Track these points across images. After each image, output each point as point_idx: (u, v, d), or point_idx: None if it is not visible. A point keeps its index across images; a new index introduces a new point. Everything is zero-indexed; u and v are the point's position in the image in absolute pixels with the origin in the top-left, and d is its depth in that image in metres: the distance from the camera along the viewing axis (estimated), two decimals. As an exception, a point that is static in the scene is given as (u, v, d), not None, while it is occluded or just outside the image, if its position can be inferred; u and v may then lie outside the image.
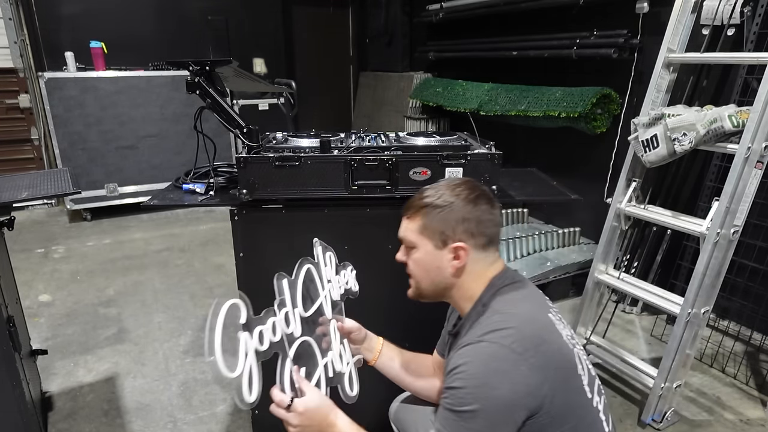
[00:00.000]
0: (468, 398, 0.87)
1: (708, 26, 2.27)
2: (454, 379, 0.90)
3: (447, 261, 1.05)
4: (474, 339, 0.93)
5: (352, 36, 6.15)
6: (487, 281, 1.06)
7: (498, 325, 0.93)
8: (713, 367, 2.38)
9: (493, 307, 1.00)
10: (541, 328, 0.96)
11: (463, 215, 1.03)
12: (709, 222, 1.83)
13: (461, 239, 1.03)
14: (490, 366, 0.88)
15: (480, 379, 0.88)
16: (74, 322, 2.81)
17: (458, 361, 0.91)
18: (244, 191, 1.48)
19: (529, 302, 1.02)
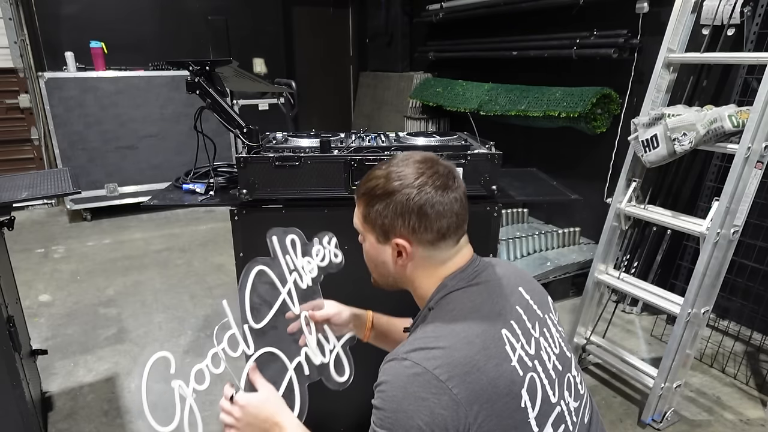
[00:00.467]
0: (386, 422, 0.78)
1: (708, 26, 2.27)
2: (377, 396, 0.81)
3: (390, 256, 0.93)
4: (399, 354, 0.82)
5: (352, 36, 6.15)
6: (438, 280, 0.92)
7: (427, 342, 0.82)
8: (713, 367, 2.38)
9: (436, 315, 0.88)
10: (479, 351, 0.80)
11: (402, 208, 0.88)
12: (709, 222, 1.83)
13: (402, 235, 0.90)
14: (409, 390, 0.77)
15: (397, 404, 0.77)
16: (74, 322, 2.81)
17: (381, 377, 0.81)
18: (244, 191, 1.48)
19: (479, 313, 0.86)
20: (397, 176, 0.89)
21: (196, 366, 0.95)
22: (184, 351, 2.54)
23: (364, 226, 0.95)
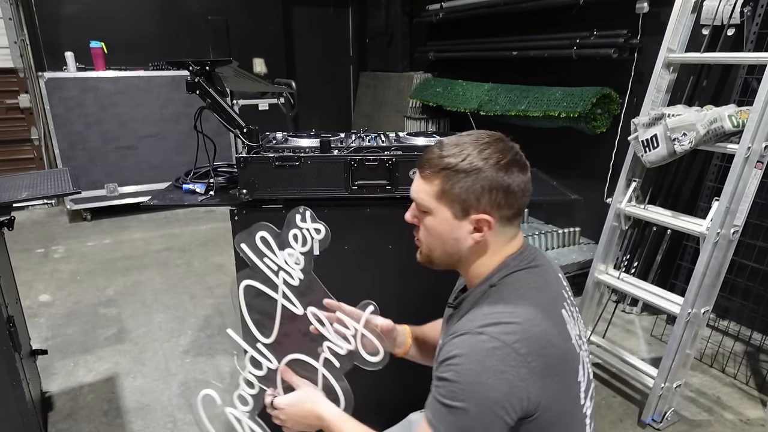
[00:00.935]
0: (460, 395, 0.80)
1: (708, 26, 2.27)
2: (448, 369, 0.82)
3: (466, 233, 0.92)
4: (473, 329, 0.84)
5: (352, 36, 6.15)
6: (501, 259, 0.94)
7: (502, 318, 0.84)
8: (713, 367, 2.38)
9: (501, 292, 0.90)
10: (550, 328, 0.85)
11: (491, 184, 0.88)
12: (709, 222, 1.83)
13: (486, 211, 0.89)
14: (488, 364, 0.79)
15: (474, 377, 0.79)
16: (74, 322, 2.81)
17: (453, 351, 0.83)
18: (244, 191, 1.48)
19: (543, 294, 0.90)
20: (482, 154, 0.89)
21: (235, 392, 1.05)
22: (184, 351, 2.54)
23: (440, 201, 0.91)
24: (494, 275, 0.93)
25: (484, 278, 0.94)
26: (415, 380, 1.75)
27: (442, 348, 0.87)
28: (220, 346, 2.58)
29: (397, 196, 1.51)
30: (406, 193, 1.49)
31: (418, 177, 0.95)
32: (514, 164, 0.90)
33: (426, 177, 0.92)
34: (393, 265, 1.60)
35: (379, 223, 1.55)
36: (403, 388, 1.77)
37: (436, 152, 0.92)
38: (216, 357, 2.48)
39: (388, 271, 1.61)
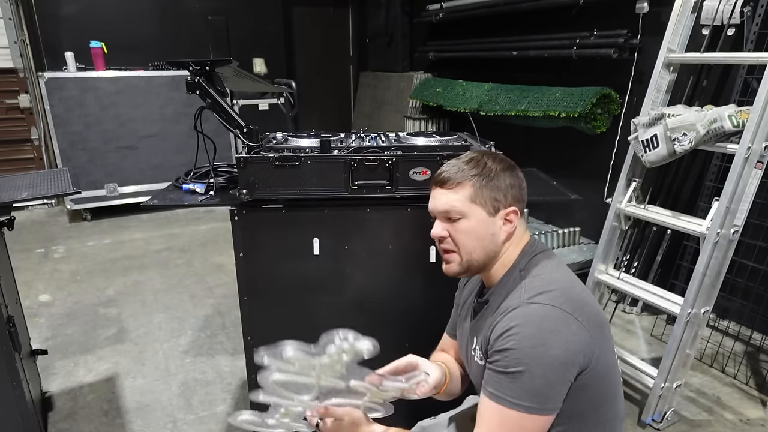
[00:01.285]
0: (524, 359, 0.89)
1: (708, 26, 2.27)
2: (507, 341, 0.92)
3: (499, 227, 1.06)
4: (522, 302, 0.95)
5: (352, 36, 6.15)
6: (520, 249, 1.08)
7: (544, 288, 0.96)
8: (713, 367, 2.38)
9: (532, 272, 1.03)
10: (582, 290, 1.00)
11: (510, 181, 1.06)
12: (709, 222, 1.83)
13: (511, 204, 1.06)
14: (544, 326, 0.91)
15: (534, 340, 0.90)
16: (74, 322, 2.81)
17: (509, 324, 0.93)
18: (244, 191, 1.48)
19: (563, 268, 1.05)
20: (492, 161, 1.07)
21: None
22: (184, 351, 2.54)
23: (472, 204, 1.04)
24: (519, 262, 1.07)
25: (510, 267, 1.07)
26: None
27: (495, 327, 0.97)
28: (220, 346, 2.58)
29: (397, 196, 1.51)
30: (406, 193, 1.50)
31: (442, 191, 1.07)
32: (514, 167, 1.10)
33: (453, 187, 1.05)
34: (393, 265, 1.60)
35: (379, 223, 1.55)
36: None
37: (455, 167, 1.06)
38: (216, 357, 2.48)
39: (388, 271, 1.61)
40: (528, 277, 1.02)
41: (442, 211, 1.07)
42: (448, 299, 1.41)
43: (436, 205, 1.08)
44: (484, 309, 1.10)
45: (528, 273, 1.03)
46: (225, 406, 2.13)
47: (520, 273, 1.04)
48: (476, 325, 1.12)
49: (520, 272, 1.05)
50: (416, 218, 1.55)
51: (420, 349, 1.68)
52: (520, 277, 1.04)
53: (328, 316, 1.63)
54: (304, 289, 1.60)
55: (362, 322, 1.65)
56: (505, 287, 1.06)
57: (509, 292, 1.03)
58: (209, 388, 2.26)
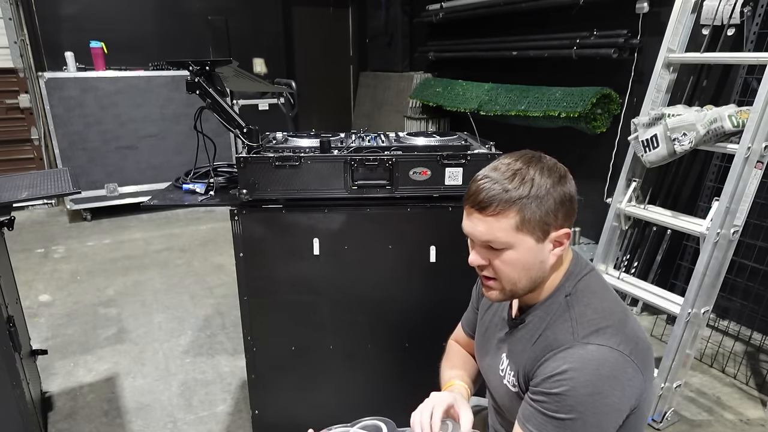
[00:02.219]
0: (578, 407, 0.83)
1: (708, 26, 2.27)
2: (560, 384, 0.84)
3: (548, 252, 0.92)
4: (576, 340, 0.87)
5: (352, 36, 6.15)
6: (565, 269, 0.97)
7: (599, 324, 0.87)
8: (713, 367, 2.38)
9: (581, 300, 0.93)
10: (634, 324, 0.91)
11: (561, 197, 0.90)
12: (709, 222, 1.83)
13: (562, 225, 0.91)
14: (602, 372, 0.83)
15: (591, 387, 0.83)
16: (74, 322, 2.81)
17: (562, 366, 0.85)
18: (244, 191, 1.48)
19: (610, 293, 0.96)
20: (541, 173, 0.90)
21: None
22: (184, 351, 2.54)
23: (520, 233, 0.89)
24: (565, 285, 0.96)
25: (555, 289, 0.96)
26: (412, 373, 1.75)
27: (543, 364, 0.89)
28: (220, 346, 2.58)
29: (397, 196, 1.51)
30: (406, 193, 1.50)
31: (480, 217, 0.90)
32: (563, 175, 0.93)
33: (494, 214, 0.89)
34: (393, 265, 1.60)
35: (379, 223, 1.55)
36: (400, 382, 1.77)
37: (497, 187, 0.89)
38: (216, 357, 2.48)
39: (388, 271, 1.61)
40: (577, 305, 0.92)
41: (482, 240, 0.92)
42: (449, 299, 1.41)
43: (474, 233, 0.92)
44: (520, 329, 1.00)
45: (577, 300, 0.93)
46: (225, 406, 2.13)
47: (567, 299, 0.94)
48: (509, 345, 1.03)
49: (566, 297, 0.94)
50: (416, 218, 1.55)
51: (420, 348, 1.68)
52: (567, 304, 0.93)
53: (328, 316, 1.64)
54: (304, 289, 1.60)
55: (362, 322, 1.66)
56: (548, 312, 0.95)
57: (555, 320, 0.93)
58: (209, 388, 2.26)
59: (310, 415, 1.75)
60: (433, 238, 1.57)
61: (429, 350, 1.72)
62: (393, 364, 1.71)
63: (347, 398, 1.74)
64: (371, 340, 1.68)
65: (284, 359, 1.66)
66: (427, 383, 1.74)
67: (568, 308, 0.93)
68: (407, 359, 1.70)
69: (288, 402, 1.71)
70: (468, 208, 0.93)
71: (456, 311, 1.59)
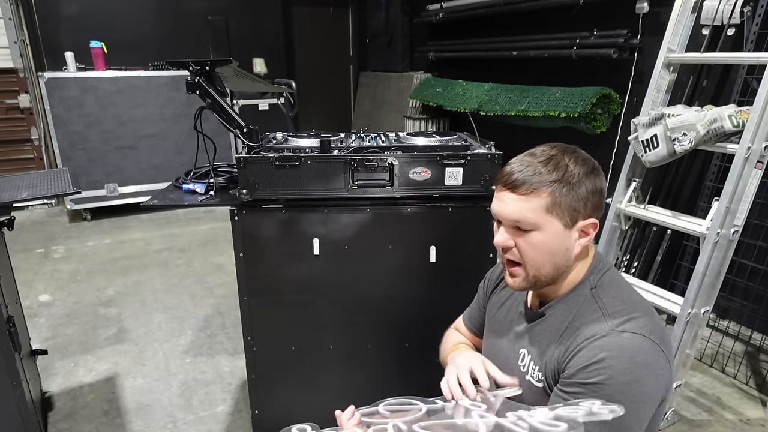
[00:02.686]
0: (616, 395, 0.82)
1: (708, 26, 2.27)
2: (597, 373, 0.84)
3: (574, 240, 0.93)
4: (611, 329, 0.87)
5: (352, 36, 6.15)
6: (589, 263, 0.97)
7: (630, 313, 0.88)
8: (713, 367, 2.38)
9: (608, 291, 0.93)
10: (657, 314, 0.92)
11: (592, 188, 0.92)
12: (709, 222, 1.83)
13: (590, 215, 0.93)
14: (638, 360, 0.84)
15: (629, 375, 0.83)
16: (74, 322, 2.81)
17: (599, 354, 0.85)
18: (244, 191, 1.48)
19: (633, 289, 0.97)
20: (576, 161, 0.93)
21: None
22: (184, 351, 2.54)
23: (549, 215, 0.90)
24: (590, 277, 0.96)
25: (579, 282, 0.96)
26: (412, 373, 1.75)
27: (576, 354, 0.88)
28: (220, 346, 2.58)
29: (397, 196, 1.51)
30: (406, 193, 1.51)
31: (512, 196, 0.91)
32: (596, 168, 0.96)
33: (526, 193, 0.90)
34: (393, 265, 1.60)
35: (379, 223, 1.55)
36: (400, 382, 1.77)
37: (531, 169, 0.91)
38: (216, 357, 2.48)
39: (388, 271, 1.61)
40: (604, 297, 0.93)
41: (510, 219, 0.92)
42: (449, 299, 1.41)
43: (503, 212, 0.93)
44: (540, 323, 0.99)
45: (603, 292, 0.93)
46: (225, 406, 2.13)
47: (592, 291, 0.94)
48: (529, 339, 1.01)
49: (592, 290, 0.94)
50: (416, 218, 1.55)
51: (420, 348, 1.68)
52: (593, 297, 0.93)
53: (328, 316, 1.64)
54: (304, 289, 1.60)
55: (362, 322, 1.66)
56: (572, 305, 0.95)
57: (582, 312, 0.93)
58: (209, 388, 2.26)
59: (310, 415, 1.74)
60: (433, 238, 1.57)
61: (429, 350, 1.72)
62: (393, 364, 1.71)
63: (347, 398, 1.74)
64: (371, 340, 1.68)
65: (284, 359, 1.66)
66: (427, 383, 1.74)
67: (595, 300, 0.93)
68: (407, 359, 1.70)
69: (288, 402, 1.71)
70: (500, 188, 0.94)
71: (456, 311, 1.59)
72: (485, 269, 1.27)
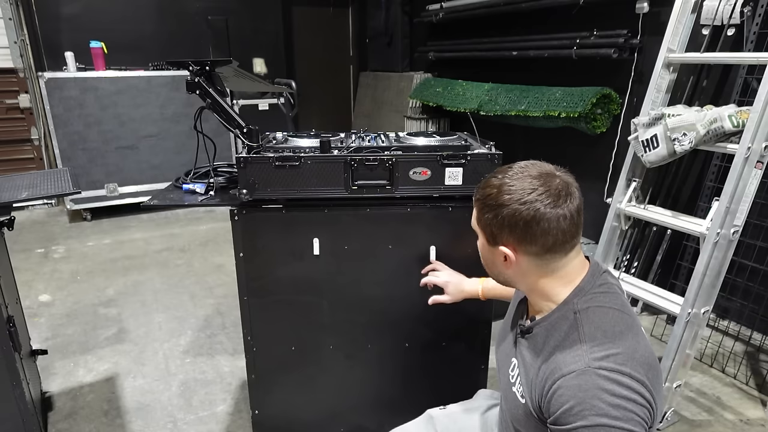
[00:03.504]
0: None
1: (708, 26, 2.27)
2: (580, 417, 0.81)
3: (498, 259, 0.97)
4: (586, 367, 0.84)
5: (352, 36, 6.15)
6: (575, 284, 0.95)
7: (608, 349, 0.85)
8: (713, 367, 2.38)
9: (591, 319, 0.90)
10: (644, 346, 0.88)
11: (509, 221, 0.91)
12: (709, 222, 1.83)
13: (507, 244, 0.94)
14: (614, 403, 0.81)
15: (607, 418, 0.80)
16: (74, 322, 2.81)
17: (579, 395, 0.83)
18: (244, 191, 1.48)
19: (627, 314, 0.92)
20: (508, 189, 0.92)
21: None
22: (184, 351, 2.54)
23: (478, 227, 1.00)
24: (573, 300, 0.94)
25: (561, 304, 0.95)
26: (412, 373, 1.75)
27: (556, 393, 0.86)
28: (220, 346, 2.58)
29: (397, 196, 1.51)
30: (406, 193, 1.50)
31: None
32: (540, 202, 0.90)
33: (474, 202, 1.00)
34: (393, 265, 1.60)
35: (379, 223, 1.55)
36: (400, 382, 1.77)
37: (482, 182, 0.98)
38: (216, 357, 2.48)
39: (388, 271, 1.61)
40: (586, 324, 0.89)
41: None
42: (448, 299, 1.41)
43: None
44: (527, 338, 1.00)
45: (587, 319, 0.90)
46: (225, 406, 2.13)
47: (575, 316, 0.91)
48: (519, 351, 1.03)
49: (575, 315, 0.92)
50: (416, 218, 1.55)
51: (420, 348, 1.68)
52: (576, 322, 0.91)
53: (328, 316, 1.64)
54: (304, 289, 1.60)
55: (362, 323, 1.66)
56: (554, 327, 0.94)
57: (563, 339, 0.91)
58: (209, 388, 2.26)
59: (310, 415, 1.75)
60: (433, 238, 1.57)
61: (429, 350, 1.72)
62: (393, 364, 1.71)
63: (347, 398, 1.74)
64: (371, 340, 1.68)
65: (284, 359, 1.66)
66: (427, 383, 1.75)
67: (576, 327, 0.90)
68: (407, 359, 1.70)
69: (288, 402, 1.71)
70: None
71: (456, 311, 1.59)
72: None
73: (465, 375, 1.72)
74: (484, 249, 1.01)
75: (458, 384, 1.68)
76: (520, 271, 0.96)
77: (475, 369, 1.72)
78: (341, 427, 1.77)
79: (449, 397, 1.42)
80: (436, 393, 1.70)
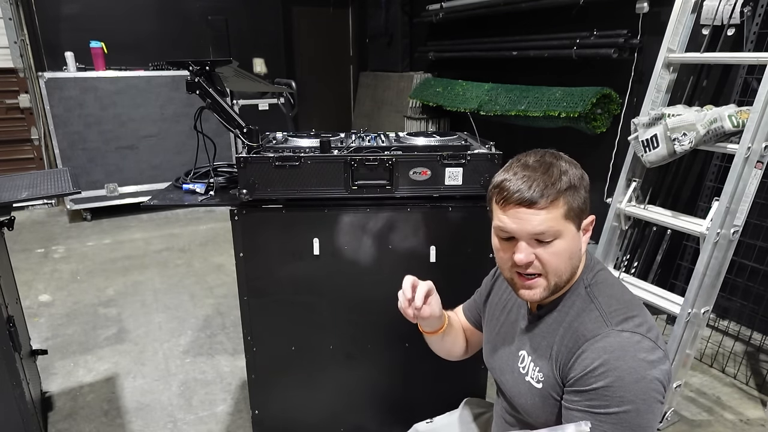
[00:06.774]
0: (627, 396, 0.83)
1: (708, 26, 2.27)
2: (605, 376, 0.84)
3: (584, 237, 0.97)
4: (610, 330, 0.88)
5: (352, 36, 6.15)
6: (583, 260, 0.99)
7: (626, 313, 0.90)
8: (713, 367, 2.38)
9: (603, 290, 0.95)
10: (649, 313, 0.94)
11: (587, 186, 0.95)
12: (709, 222, 1.83)
13: (589, 213, 0.97)
14: (642, 358, 0.84)
15: (636, 373, 0.83)
16: (74, 322, 2.81)
17: (603, 356, 0.85)
18: (244, 191, 1.48)
19: (625, 287, 0.99)
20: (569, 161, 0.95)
21: None
22: (184, 351, 2.54)
23: (567, 221, 0.92)
24: (584, 276, 0.98)
25: (575, 282, 0.98)
26: (412, 373, 1.75)
27: (579, 357, 0.89)
28: (220, 346, 2.58)
29: (397, 196, 1.51)
30: (406, 193, 1.51)
31: (531, 212, 0.90)
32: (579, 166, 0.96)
33: (546, 206, 0.90)
34: (393, 265, 1.60)
35: (379, 223, 1.55)
36: (400, 382, 1.78)
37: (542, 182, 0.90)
38: (216, 357, 2.48)
39: (388, 271, 1.61)
40: (600, 296, 0.94)
41: (534, 233, 0.91)
42: (449, 299, 1.41)
43: (526, 228, 0.90)
44: (539, 323, 1.01)
45: (598, 291, 0.95)
46: (225, 406, 2.13)
47: (587, 290, 0.96)
48: (530, 341, 1.03)
49: (587, 289, 0.96)
50: (416, 218, 1.55)
51: (420, 348, 1.68)
52: (588, 295, 0.95)
53: (328, 316, 1.64)
54: (304, 289, 1.60)
55: (362, 323, 1.66)
56: (569, 305, 0.97)
57: (580, 311, 0.94)
58: (209, 388, 2.26)
59: (310, 415, 1.75)
60: (433, 238, 1.57)
61: (429, 350, 1.72)
62: (393, 364, 1.71)
63: (347, 398, 1.74)
64: (371, 340, 1.68)
65: (284, 359, 1.66)
66: (427, 383, 1.75)
67: (590, 299, 0.95)
68: (407, 359, 1.70)
69: (288, 402, 1.71)
70: (512, 207, 0.91)
71: (456, 311, 1.58)
72: (485, 269, 1.27)
73: (465, 374, 1.72)
74: (572, 242, 0.93)
75: (458, 383, 1.68)
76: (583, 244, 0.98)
77: (475, 368, 1.72)
78: (341, 427, 1.77)
79: (449, 396, 1.42)
80: (436, 393, 1.71)
